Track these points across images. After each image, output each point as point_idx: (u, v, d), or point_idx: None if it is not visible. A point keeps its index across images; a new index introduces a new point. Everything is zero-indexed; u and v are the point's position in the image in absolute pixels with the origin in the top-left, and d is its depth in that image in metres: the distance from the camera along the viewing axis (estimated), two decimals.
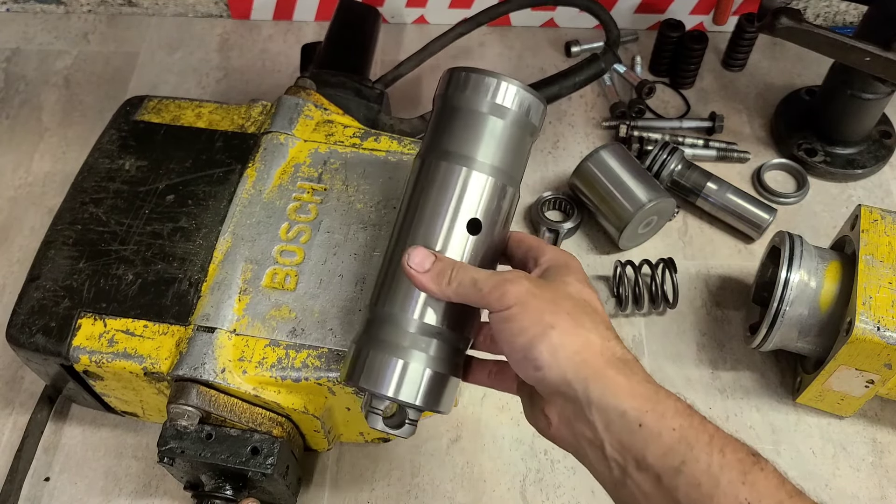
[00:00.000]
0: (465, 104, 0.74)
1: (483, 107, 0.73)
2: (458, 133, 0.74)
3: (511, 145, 0.74)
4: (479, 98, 0.73)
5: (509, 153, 0.74)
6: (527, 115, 0.74)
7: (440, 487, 0.96)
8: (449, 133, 0.74)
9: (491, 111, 0.73)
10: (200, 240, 0.89)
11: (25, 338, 0.84)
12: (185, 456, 0.81)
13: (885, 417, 1.01)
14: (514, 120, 0.74)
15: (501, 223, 0.75)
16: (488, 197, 0.73)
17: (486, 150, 0.73)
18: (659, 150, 1.16)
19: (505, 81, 0.73)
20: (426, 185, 0.74)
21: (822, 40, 1.04)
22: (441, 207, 0.72)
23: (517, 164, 0.76)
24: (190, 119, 1.00)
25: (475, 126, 0.73)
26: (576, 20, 1.24)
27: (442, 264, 0.70)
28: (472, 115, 0.73)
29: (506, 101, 0.73)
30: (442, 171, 0.73)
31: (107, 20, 1.48)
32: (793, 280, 0.93)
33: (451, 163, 0.73)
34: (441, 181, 0.73)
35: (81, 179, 0.96)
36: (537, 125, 0.76)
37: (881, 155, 1.24)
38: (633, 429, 0.61)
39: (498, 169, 0.73)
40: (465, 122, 0.73)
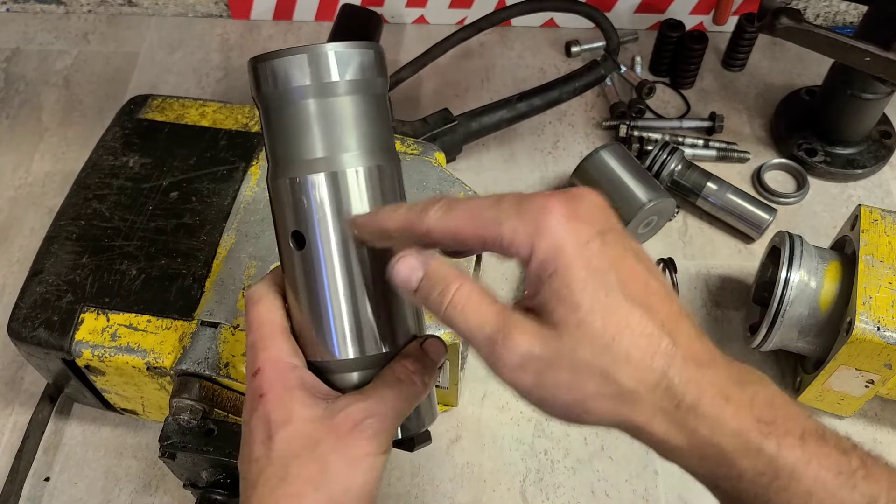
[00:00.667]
0: (286, 99, 0.58)
1: (308, 94, 0.58)
2: (296, 135, 0.59)
3: (365, 116, 0.59)
4: (298, 86, 0.57)
5: (368, 125, 0.60)
6: (363, 73, 0.59)
7: (440, 487, 0.95)
8: (288, 139, 0.59)
9: (318, 94, 0.58)
10: (204, 236, 0.89)
11: (28, 332, 0.84)
12: (188, 451, 0.81)
13: (885, 417, 1.01)
14: (352, 88, 0.58)
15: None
16: (372, 190, 0.59)
17: (341, 138, 0.59)
18: (659, 150, 1.17)
19: (317, 52, 0.57)
20: (296, 210, 0.59)
21: (822, 40, 1.04)
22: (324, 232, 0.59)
23: (380, 130, 0.61)
24: (194, 118, 1.01)
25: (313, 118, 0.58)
26: (576, 20, 1.25)
27: (433, 283, 0.54)
28: (295, 107, 0.58)
29: (332, 73, 0.57)
30: (302, 187, 0.59)
31: (107, 20, 1.48)
32: (793, 280, 0.94)
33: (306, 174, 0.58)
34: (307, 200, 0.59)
35: (85, 176, 0.96)
36: (377, 74, 0.60)
37: (881, 155, 1.24)
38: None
39: (367, 152, 0.59)
40: (292, 118, 0.58)
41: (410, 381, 0.60)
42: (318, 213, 0.59)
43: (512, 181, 1.23)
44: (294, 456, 0.57)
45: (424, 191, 0.94)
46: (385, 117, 0.62)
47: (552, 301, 0.50)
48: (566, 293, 0.49)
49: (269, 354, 0.60)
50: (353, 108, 0.59)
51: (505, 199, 0.52)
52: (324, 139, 0.58)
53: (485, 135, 1.15)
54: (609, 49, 1.17)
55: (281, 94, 0.58)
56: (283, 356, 0.60)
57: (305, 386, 0.60)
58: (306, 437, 0.57)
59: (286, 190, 0.59)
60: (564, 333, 0.50)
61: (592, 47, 1.40)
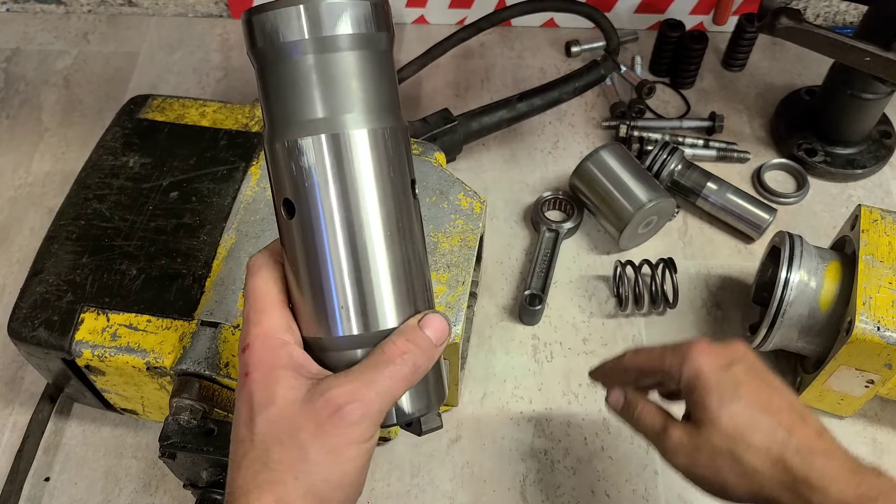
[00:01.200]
0: (276, 55, 0.55)
1: (303, 49, 0.54)
2: (299, 95, 0.56)
3: (371, 74, 0.56)
4: (298, 42, 0.54)
5: (375, 84, 0.57)
6: (367, 26, 0.55)
7: (440, 487, 0.95)
8: (288, 99, 0.56)
9: (316, 49, 0.54)
10: (204, 236, 0.89)
11: (28, 331, 0.84)
12: (188, 451, 0.81)
13: (885, 417, 1.01)
14: (356, 43, 0.55)
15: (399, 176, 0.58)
16: (380, 155, 0.57)
17: (347, 98, 0.56)
18: (659, 150, 1.17)
19: (316, 3, 0.54)
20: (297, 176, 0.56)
21: (822, 40, 1.04)
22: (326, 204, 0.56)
23: (389, 89, 0.58)
24: (194, 118, 1.01)
25: (315, 76, 0.55)
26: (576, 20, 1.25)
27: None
28: (292, 64, 0.55)
29: (333, 28, 0.54)
30: (305, 149, 0.56)
31: (107, 20, 1.48)
32: (793, 280, 0.94)
33: (310, 135, 0.55)
34: (312, 164, 0.56)
35: (85, 176, 0.96)
36: (381, 28, 0.57)
37: (881, 155, 1.24)
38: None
39: (375, 112, 0.57)
40: (289, 76, 0.55)
41: (401, 363, 0.58)
42: (318, 178, 0.56)
43: (512, 181, 1.23)
44: (275, 441, 0.57)
45: (425, 191, 0.94)
46: (390, 76, 0.58)
47: (696, 408, 0.70)
48: (702, 401, 0.70)
49: (260, 330, 0.59)
50: (354, 64, 0.55)
51: (672, 344, 0.75)
52: (323, 99, 0.55)
53: (485, 135, 1.15)
54: (609, 49, 1.17)
55: (276, 49, 0.55)
56: (274, 332, 0.59)
57: (293, 365, 0.58)
58: (287, 421, 0.57)
59: (283, 154, 0.56)
60: (703, 428, 0.69)
61: (592, 47, 1.40)
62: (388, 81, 0.58)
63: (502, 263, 1.13)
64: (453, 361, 0.89)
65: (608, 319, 1.09)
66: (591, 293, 1.11)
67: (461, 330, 0.85)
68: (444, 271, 0.88)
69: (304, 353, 0.60)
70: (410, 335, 0.59)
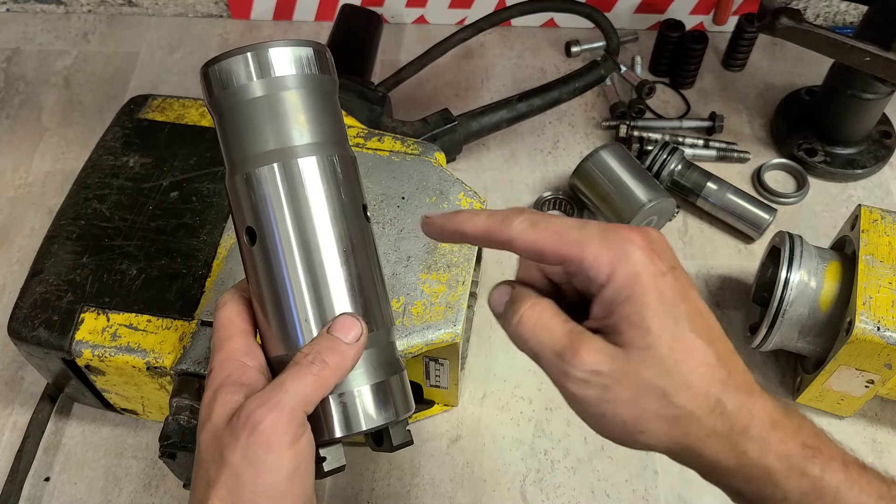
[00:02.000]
0: (237, 98, 0.61)
1: (257, 91, 0.61)
2: (250, 131, 0.61)
3: (315, 109, 0.62)
4: (246, 85, 0.61)
5: (319, 118, 0.62)
6: (308, 68, 0.62)
7: (440, 487, 0.95)
8: (241, 136, 0.62)
9: (265, 89, 0.61)
10: (204, 236, 0.90)
11: (28, 331, 0.84)
12: (188, 450, 0.81)
13: (885, 417, 1.01)
14: (298, 82, 0.62)
15: (356, 196, 0.64)
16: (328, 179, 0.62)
17: (292, 130, 0.61)
18: (659, 150, 1.17)
19: (261, 50, 0.61)
20: (254, 204, 0.62)
21: (822, 40, 1.04)
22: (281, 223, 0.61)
23: (332, 123, 0.64)
24: (194, 118, 1.01)
25: (264, 113, 0.61)
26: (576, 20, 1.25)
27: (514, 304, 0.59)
28: (245, 106, 0.61)
29: (274, 70, 0.61)
30: (258, 179, 0.61)
31: (107, 20, 1.48)
32: (793, 280, 0.94)
33: (261, 166, 0.61)
34: (263, 192, 0.61)
35: (85, 176, 0.96)
36: (323, 71, 0.64)
37: (881, 155, 1.24)
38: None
39: (319, 144, 0.62)
40: (243, 116, 0.61)
41: (306, 362, 0.59)
42: (273, 203, 0.61)
43: (512, 181, 1.23)
44: (211, 458, 0.58)
45: (424, 191, 0.94)
46: (335, 112, 0.65)
47: (623, 323, 0.53)
48: (638, 318, 0.53)
49: (222, 356, 0.62)
50: (300, 101, 0.62)
51: (589, 224, 0.56)
52: (273, 132, 0.61)
53: (485, 135, 1.15)
54: (609, 49, 1.17)
55: (230, 94, 0.61)
56: (233, 356, 0.62)
57: (238, 384, 0.60)
58: (216, 439, 0.58)
59: (242, 185, 0.62)
60: (632, 354, 0.53)
61: (592, 47, 1.40)
62: (333, 116, 0.64)
63: (502, 263, 1.13)
64: (453, 361, 0.89)
65: None
66: None
67: (461, 330, 0.85)
68: (444, 271, 0.88)
69: (258, 375, 0.61)
70: (317, 338, 0.61)
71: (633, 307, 0.53)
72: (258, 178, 0.61)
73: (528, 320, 0.57)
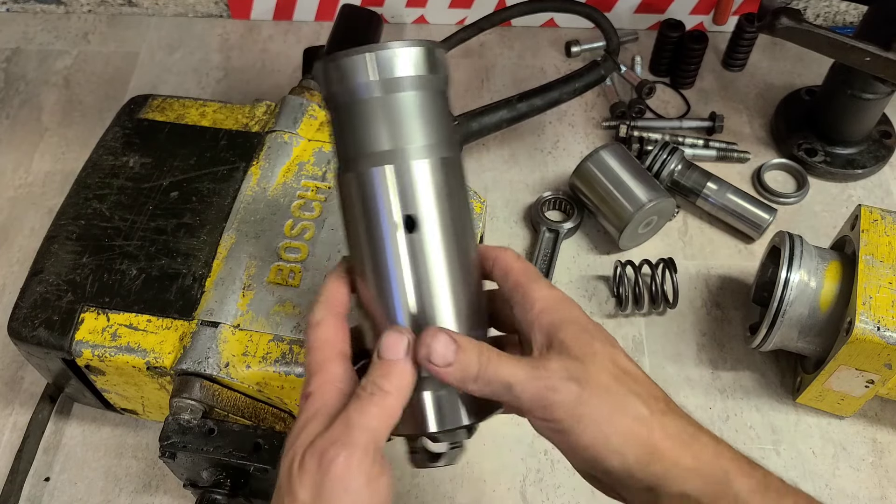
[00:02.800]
0: (356, 96, 0.61)
1: (375, 90, 0.61)
2: (366, 130, 0.61)
3: (431, 112, 0.62)
4: (366, 82, 0.61)
5: (435, 121, 0.62)
6: (428, 70, 0.62)
7: (440, 487, 0.95)
8: (356, 134, 0.62)
9: (381, 91, 0.61)
10: (205, 236, 0.89)
11: (28, 331, 0.84)
12: (188, 450, 0.81)
13: (885, 417, 1.01)
14: (418, 84, 0.62)
15: (457, 205, 0.63)
16: (440, 182, 0.62)
17: (410, 132, 0.61)
18: (659, 150, 1.17)
19: (386, 50, 0.60)
20: (364, 203, 0.62)
21: (822, 40, 1.04)
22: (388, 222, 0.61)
23: (446, 125, 0.64)
24: (194, 118, 1.01)
25: (381, 113, 0.61)
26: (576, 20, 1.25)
27: (466, 357, 0.59)
28: (362, 105, 0.61)
29: (396, 70, 0.61)
30: (370, 179, 0.61)
31: (107, 20, 1.48)
32: (793, 280, 0.94)
33: (375, 166, 0.61)
34: (379, 192, 0.61)
35: (85, 176, 0.96)
36: (441, 74, 0.64)
37: (881, 155, 1.24)
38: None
39: (432, 145, 0.62)
40: (367, 114, 0.61)
41: (368, 395, 0.58)
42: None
43: (512, 181, 1.23)
44: (286, 490, 0.56)
45: None
46: (447, 113, 0.65)
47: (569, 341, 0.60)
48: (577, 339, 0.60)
49: (320, 380, 0.60)
50: (416, 102, 0.61)
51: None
52: (390, 132, 0.61)
53: (485, 135, 1.15)
54: (609, 49, 1.17)
55: (349, 91, 0.61)
56: (334, 382, 0.60)
57: (332, 417, 0.58)
58: (291, 469, 0.57)
59: (353, 183, 0.62)
60: (587, 360, 0.59)
61: (592, 47, 1.40)
62: (447, 116, 0.64)
63: None
64: None
65: (608, 319, 1.09)
66: (591, 293, 1.11)
67: None
68: None
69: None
70: (371, 367, 0.60)
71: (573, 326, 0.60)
72: (370, 178, 0.61)
73: (493, 356, 0.59)
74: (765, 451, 0.98)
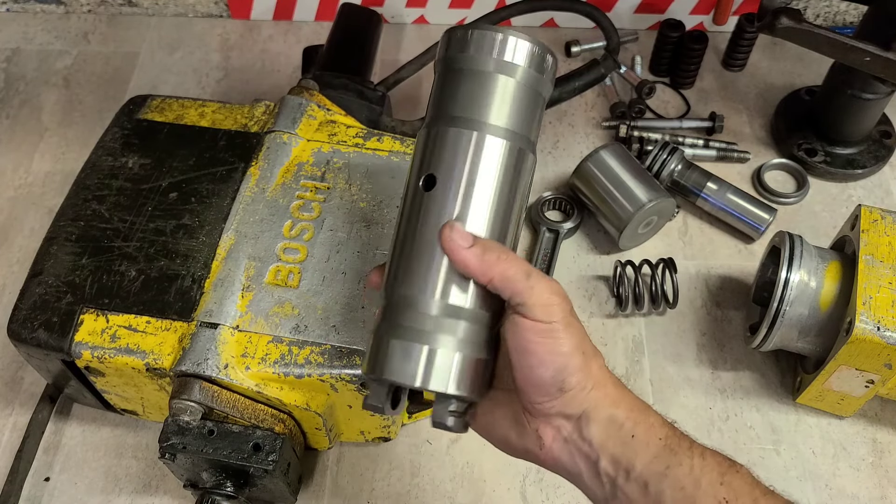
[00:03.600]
0: (468, 65, 0.67)
1: (489, 65, 0.67)
2: (464, 96, 0.67)
3: (524, 104, 0.68)
4: (483, 57, 0.67)
5: (523, 114, 0.68)
6: (537, 69, 0.68)
7: (440, 487, 0.95)
8: (455, 98, 0.68)
9: (497, 69, 0.67)
10: (204, 237, 0.89)
11: (27, 333, 0.84)
12: (187, 452, 0.81)
13: (885, 417, 1.01)
14: (524, 77, 0.67)
15: (524, 192, 0.70)
16: (506, 163, 0.67)
17: (498, 111, 0.67)
18: (659, 150, 1.17)
19: (512, 36, 0.67)
20: (437, 154, 0.67)
21: (822, 40, 1.04)
22: (455, 177, 0.66)
23: (532, 124, 0.69)
24: (193, 118, 1.01)
25: (483, 87, 0.67)
26: (576, 20, 1.25)
27: (487, 242, 0.65)
28: (478, 76, 0.67)
29: (514, 57, 0.67)
30: (451, 138, 0.67)
31: (107, 20, 1.48)
32: (793, 280, 0.94)
33: (460, 128, 0.67)
34: (452, 149, 0.67)
35: (84, 177, 0.96)
36: (549, 79, 0.70)
37: (881, 155, 1.24)
38: (626, 440, 0.64)
39: (513, 132, 0.67)
40: (472, 83, 0.67)
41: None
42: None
43: None
44: None
45: None
46: (539, 119, 0.71)
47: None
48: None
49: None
50: (518, 92, 0.68)
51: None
52: (481, 105, 0.67)
53: None
54: (609, 48, 1.16)
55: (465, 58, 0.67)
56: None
57: None
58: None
59: (433, 138, 0.68)
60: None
61: (592, 47, 1.40)
62: (536, 119, 0.70)
63: None
64: None
65: (608, 319, 1.09)
66: (591, 293, 1.11)
67: None
68: None
69: None
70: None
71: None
72: (451, 137, 0.67)
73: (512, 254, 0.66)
74: (765, 451, 0.98)
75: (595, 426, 0.64)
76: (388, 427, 0.92)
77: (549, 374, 0.63)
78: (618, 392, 0.66)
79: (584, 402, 0.64)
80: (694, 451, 0.64)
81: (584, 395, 0.64)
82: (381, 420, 0.90)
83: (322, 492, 0.95)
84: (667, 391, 1.03)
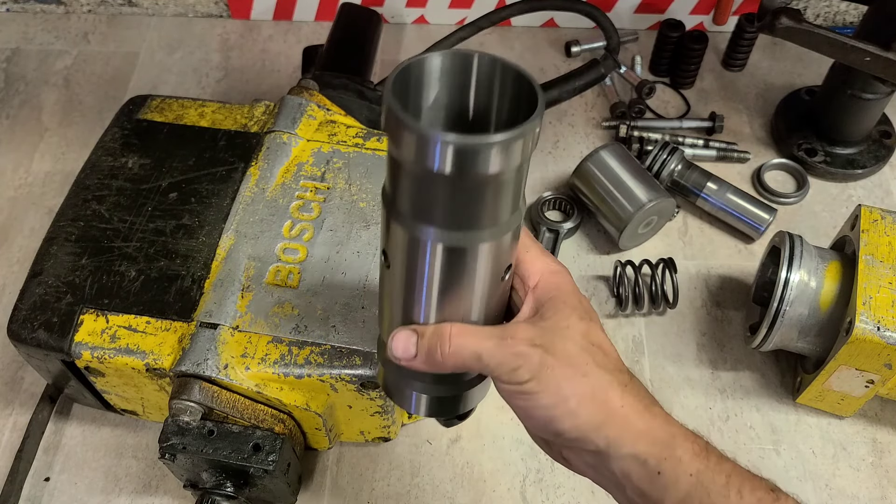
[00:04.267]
0: (397, 156, 0.53)
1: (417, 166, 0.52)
2: (399, 188, 0.55)
3: (465, 198, 0.54)
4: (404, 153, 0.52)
5: (468, 207, 0.54)
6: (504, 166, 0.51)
7: (440, 487, 0.96)
8: (392, 183, 0.56)
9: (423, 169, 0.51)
10: (203, 237, 0.89)
11: (27, 333, 0.84)
12: (187, 452, 0.81)
13: (885, 417, 1.01)
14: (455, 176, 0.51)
15: (487, 271, 0.59)
16: (443, 261, 0.57)
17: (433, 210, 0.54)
18: (659, 150, 1.17)
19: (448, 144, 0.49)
20: (384, 235, 0.60)
21: (822, 40, 1.04)
22: (398, 269, 0.59)
23: (483, 211, 0.55)
24: (193, 118, 1.01)
25: (415, 184, 0.54)
26: (576, 20, 1.25)
27: (428, 342, 0.61)
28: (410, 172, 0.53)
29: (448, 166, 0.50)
30: (391, 227, 0.57)
31: (107, 20, 1.48)
32: (793, 280, 0.94)
33: (396, 223, 0.56)
34: (393, 238, 0.58)
35: (84, 177, 0.96)
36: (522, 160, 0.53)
37: (881, 155, 1.24)
38: (651, 477, 0.60)
39: (449, 232, 0.55)
40: (404, 178, 0.54)
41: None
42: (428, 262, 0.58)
43: None
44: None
45: None
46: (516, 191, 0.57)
47: (549, 310, 0.63)
48: (562, 304, 0.63)
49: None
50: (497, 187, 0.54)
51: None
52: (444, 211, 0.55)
53: None
54: (609, 47, 1.17)
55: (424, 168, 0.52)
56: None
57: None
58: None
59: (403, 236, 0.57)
60: (558, 327, 0.62)
61: (592, 47, 1.40)
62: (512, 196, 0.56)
63: None
64: None
65: (608, 319, 1.09)
66: (590, 293, 1.11)
67: None
68: None
69: None
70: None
71: (558, 300, 0.62)
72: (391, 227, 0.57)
73: (460, 332, 0.61)
74: (765, 451, 0.98)
75: (616, 462, 0.60)
76: (388, 427, 0.92)
77: (540, 425, 0.62)
78: (643, 423, 0.61)
79: (598, 439, 0.60)
80: (731, 486, 0.60)
81: (594, 434, 0.60)
82: (381, 420, 0.90)
83: (322, 492, 0.95)
84: (667, 391, 1.03)
